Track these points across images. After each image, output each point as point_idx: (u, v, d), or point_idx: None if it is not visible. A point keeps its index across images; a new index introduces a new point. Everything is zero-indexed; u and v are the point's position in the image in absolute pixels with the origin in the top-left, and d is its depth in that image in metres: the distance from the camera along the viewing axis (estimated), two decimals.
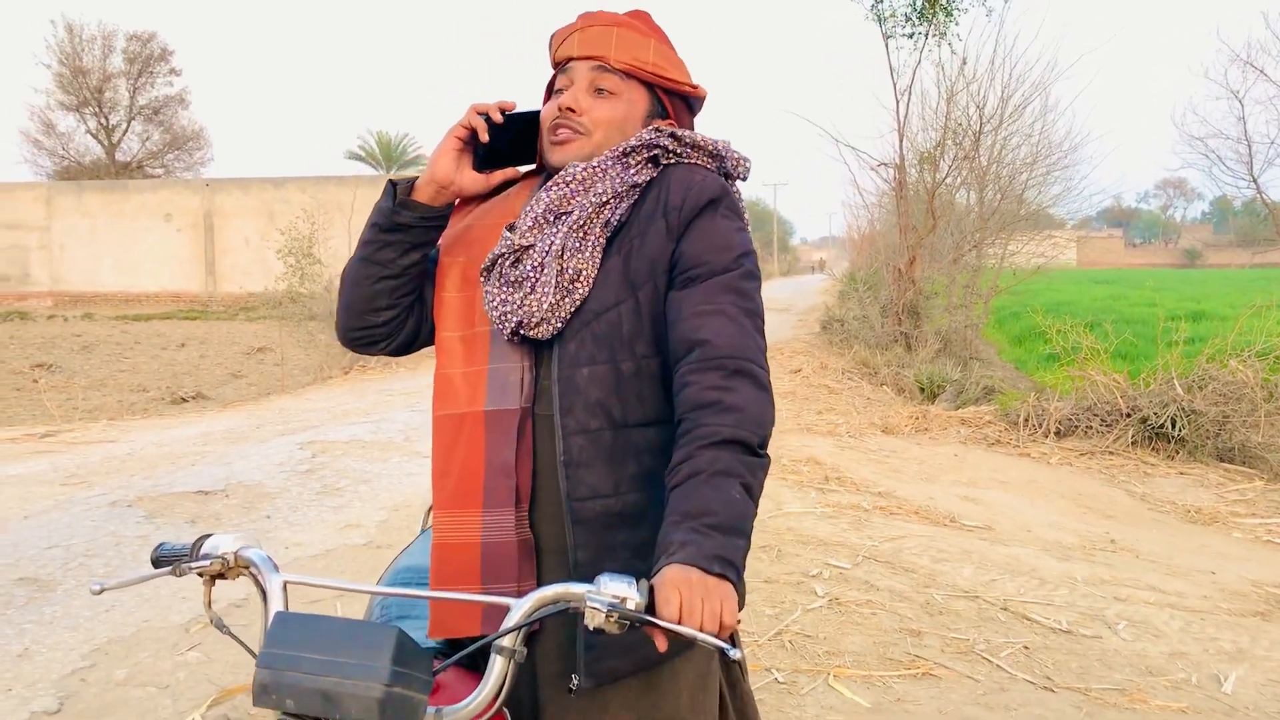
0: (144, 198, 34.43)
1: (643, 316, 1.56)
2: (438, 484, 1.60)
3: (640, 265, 1.57)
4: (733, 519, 1.34)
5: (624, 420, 1.55)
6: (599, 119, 1.63)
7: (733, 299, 1.53)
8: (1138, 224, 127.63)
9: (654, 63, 1.67)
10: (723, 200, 1.61)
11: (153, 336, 22.64)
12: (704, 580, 1.25)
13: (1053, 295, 24.81)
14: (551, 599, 1.27)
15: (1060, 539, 5.75)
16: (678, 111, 1.75)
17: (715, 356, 1.47)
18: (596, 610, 1.19)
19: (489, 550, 1.54)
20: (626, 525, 1.54)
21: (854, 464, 7.63)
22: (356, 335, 1.73)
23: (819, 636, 4.13)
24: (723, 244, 1.57)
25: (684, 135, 1.64)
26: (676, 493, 1.38)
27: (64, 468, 7.32)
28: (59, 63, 42.59)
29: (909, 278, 15.13)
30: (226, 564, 1.42)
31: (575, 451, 1.53)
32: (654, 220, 1.59)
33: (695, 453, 1.40)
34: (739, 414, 1.42)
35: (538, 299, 1.53)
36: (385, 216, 1.64)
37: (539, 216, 1.57)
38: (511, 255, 1.57)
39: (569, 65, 1.67)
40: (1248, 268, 58.88)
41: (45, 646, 3.94)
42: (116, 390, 13.59)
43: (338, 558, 5.19)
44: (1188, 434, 7.85)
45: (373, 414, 10.02)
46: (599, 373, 1.54)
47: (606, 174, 1.59)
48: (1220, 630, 4.31)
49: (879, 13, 15.01)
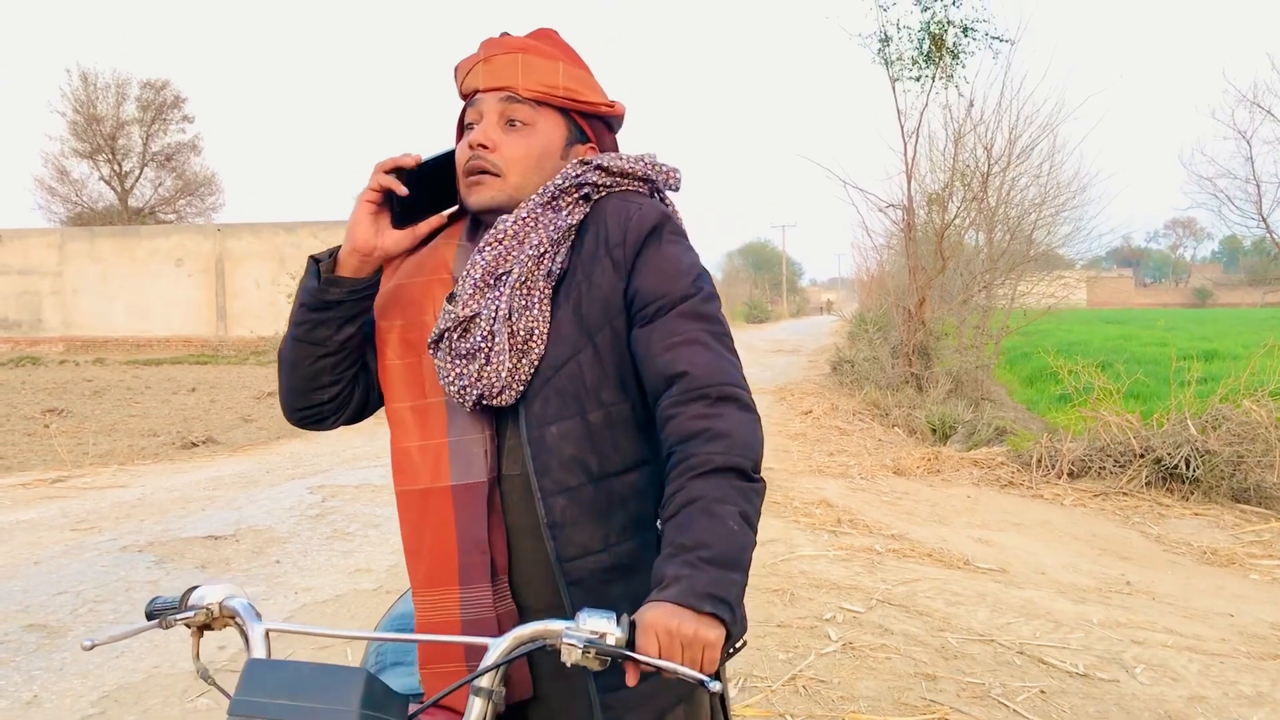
0: (156, 243, 34.64)
1: (604, 362, 1.51)
2: (411, 563, 1.56)
3: (592, 310, 1.51)
4: (729, 551, 1.30)
5: (603, 471, 1.51)
6: (513, 158, 1.56)
7: (701, 325, 1.49)
8: (1148, 264, 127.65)
9: (565, 86, 1.59)
10: (665, 226, 1.54)
11: (163, 381, 22.68)
12: (690, 624, 1.23)
13: (1063, 335, 24.75)
14: (529, 637, 1.25)
15: (1075, 581, 5.69)
16: (597, 133, 1.67)
17: (696, 387, 1.43)
18: (573, 646, 1.18)
19: (470, 629, 1.49)
20: (622, 577, 1.50)
21: (866, 506, 7.59)
22: (303, 414, 1.67)
23: (833, 681, 4.09)
24: (674, 270, 1.52)
25: (611, 165, 1.56)
26: (670, 524, 1.35)
27: (74, 513, 7.32)
28: (73, 110, 43.07)
29: (919, 319, 15.13)
30: (211, 614, 1.41)
31: (558, 513, 1.48)
32: (597, 260, 1.53)
33: (687, 484, 1.36)
34: (728, 440, 1.39)
35: (495, 369, 1.47)
36: (312, 296, 1.55)
37: (477, 282, 1.50)
38: (458, 327, 1.50)
39: (477, 98, 1.59)
40: (1259, 307, 58.76)
41: (55, 694, 3.92)
42: (127, 435, 13.58)
43: (347, 603, 5.16)
44: (1202, 474, 7.79)
45: (383, 457, 9.98)
46: (568, 428, 1.49)
47: (539, 223, 1.52)
48: (1240, 674, 4.25)
49: (886, 56, 15.15)
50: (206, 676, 1.39)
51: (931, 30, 14.80)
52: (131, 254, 34.48)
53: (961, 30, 14.80)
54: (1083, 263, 25.98)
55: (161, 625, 1.42)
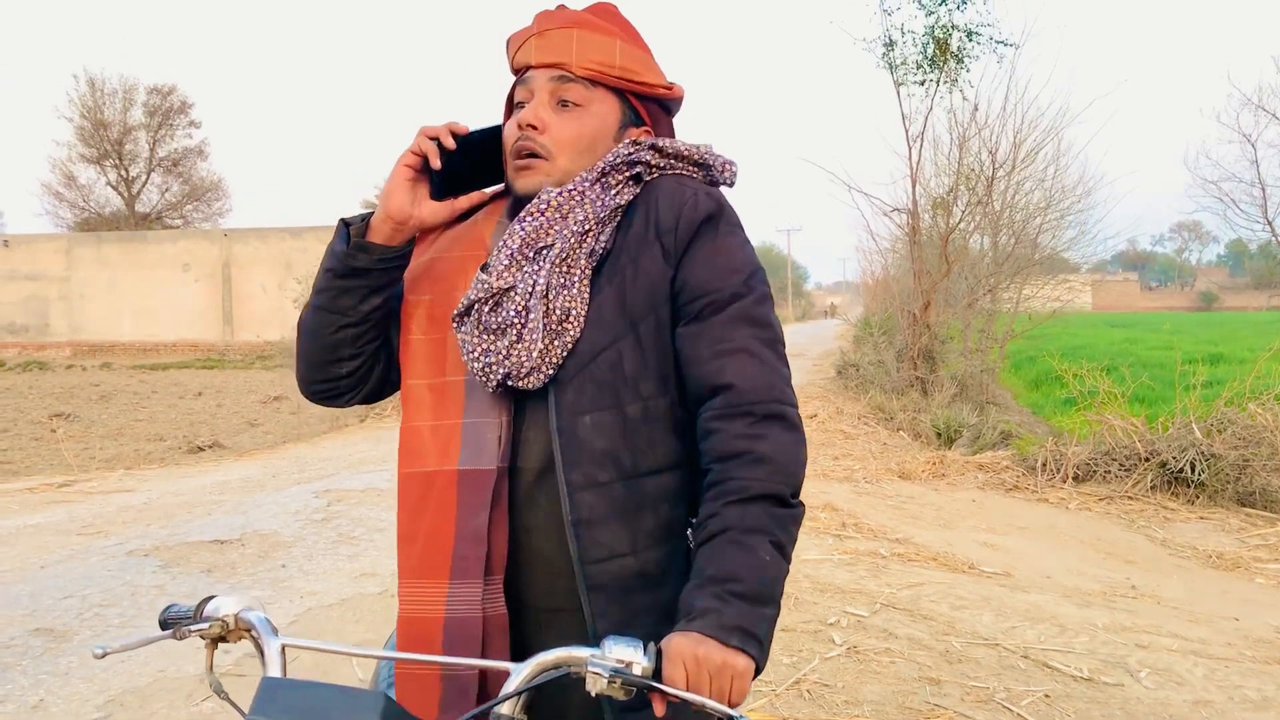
0: (162, 248, 34.75)
1: (645, 353, 1.42)
2: (403, 550, 1.46)
3: (637, 297, 1.42)
4: (760, 585, 1.26)
5: (635, 469, 1.41)
6: (563, 139, 1.47)
7: (752, 331, 1.41)
8: (1153, 267, 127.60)
9: (621, 65, 1.49)
10: (721, 215, 1.46)
11: (170, 386, 22.73)
12: (718, 654, 1.19)
13: (1069, 339, 24.73)
14: (553, 663, 1.19)
15: (1080, 585, 5.69)
16: (654, 116, 1.57)
17: (742, 402, 1.35)
18: (599, 675, 1.13)
19: (451, 626, 1.39)
20: (649, 586, 1.41)
21: (871, 510, 7.59)
22: (319, 388, 1.58)
23: (837, 685, 4.09)
24: (729, 266, 1.43)
25: (666, 146, 1.48)
26: (702, 552, 1.30)
27: (81, 517, 7.34)
28: (80, 116, 43.28)
29: (924, 322, 15.13)
30: (226, 627, 1.36)
31: (585, 509, 1.38)
32: (646, 244, 1.44)
33: (723, 509, 1.30)
34: (770, 465, 1.32)
35: (526, 347, 1.38)
36: (340, 260, 1.47)
37: (515, 253, 1.41)
38: (490, 299, 1.41)
39: (528, 75, 1.50)
40: (1265, 310, 58.65)
41: (60, 698, 3.93)
42: (133, 439, 13.62)
43: (353, 607, 5.17)
44: (1207, 478, 7.78)
45: (388, 461, 10.02)
46: (603, 420, 1.40)
47: (585, 198, 1.43)
48: (1245, 678, 4.24)
49: (890, 61, 15.16)
50: (220, 690, 1.35)
51: (936, 35, 14.81)
52: (138, 259, 34.59)
53: (966, 34, 14.82)
54: (1088, 266, 25.97)
55: (175, 636, 1.36)
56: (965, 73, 14.93)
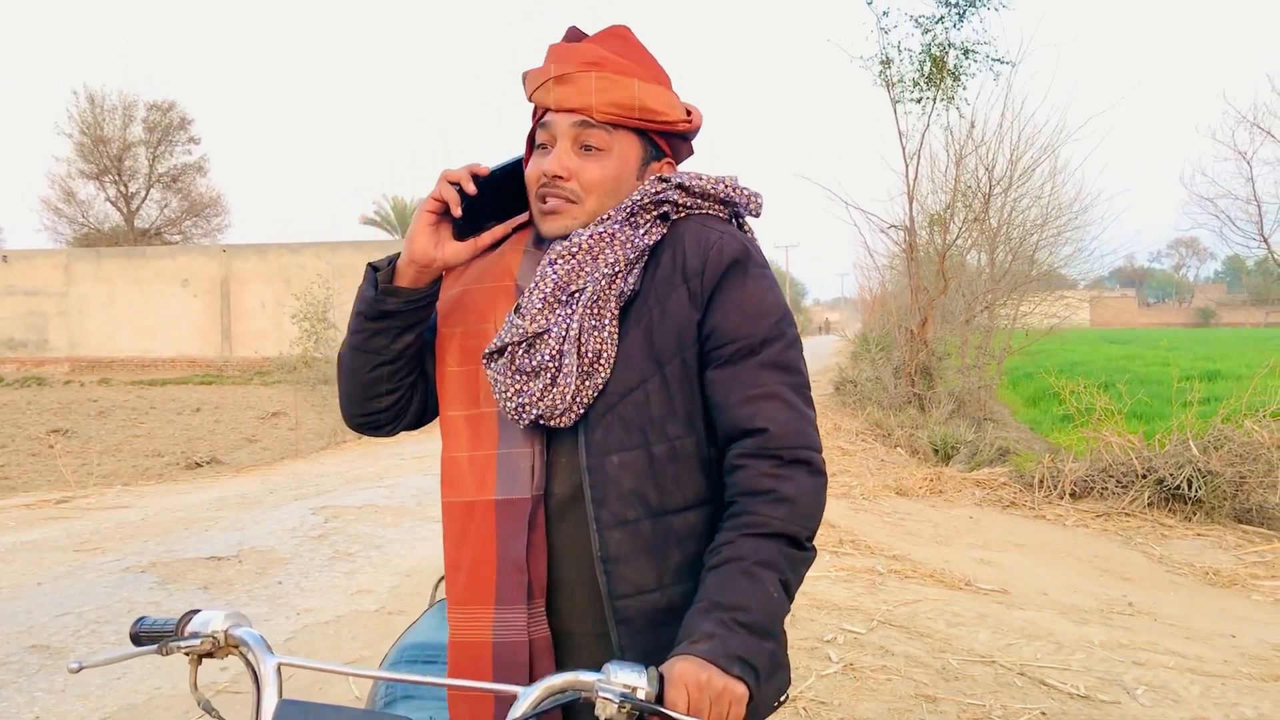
0: (161, 264, 34.81)
1: (672, 394, 1.45)
2: (450, 577, 1.52)
3: (664, 340, 1.46)
4: (765, 619, 1.30)
5: (662, 507, 1.45)
6: (590, 182, 1.50)
7: (782, 378, 1.45)
8: (1151, 283, 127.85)
9: (641, 106, 1.51)
10: (748, 260, 1.48)
11: (168, 401, 22.74)
12: (719, 677, 1.22)
13: (1066, 355, 24.75)
14: (560, 687, 1.22)
15: (1077, 602, 5.69)
16: (673, 146, 1.61)
17: (772, 447, 1.40)
18: (609, 700, 1.16)
19: (501, 650, 1.44)
20: (675, 621, 1.39)
21: (868, 527, 7.59)
22: (361, 421, 1.65)
23: (833, 703, 4.09)
24: (758, 311, 1.46)
25: (692, 185, 1.50)
26: (711, 576, 1.33)
27: (77, 534, 7.33)
28: (80, 132, 43.42)
29: (921, 339, 15.15)
30: (216, 643, 1.35)
31: (613, 546, 1.43)
32: (673, 287, 1.47)
33: (738, 539, 1.34)
34: (791, 506, 1.37)
35: (561, 391, 1.42)
36: (370, 305, 1.53)
37: (547, 296, 1.45)
38: (523, 342, 1.45)
39: (548, 119, 1.52)
40: (1262, 326, 58.71)
41: (56, 715, 3.93)
42: (131, 455, 13.62)
43: (348, 624, 5.17)
44: (1204, 495, 7.78)
45: (386, 478, 10.02)
46: (630, 459, 1.43)
47: (615, 239, 1.46)
48: (1241, 695, 4.25)
49: (887, 79, 15.20)
50: (208, 708, 1.35)
51: (932, 53, 14.86)
52: (137, 275, 34.65)
53: (962, 52, 14.87)
54: (1085, 283, 26.02)
55: (161, 652, 1.35)
56: (962, 90, 14.98)
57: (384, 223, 50.60)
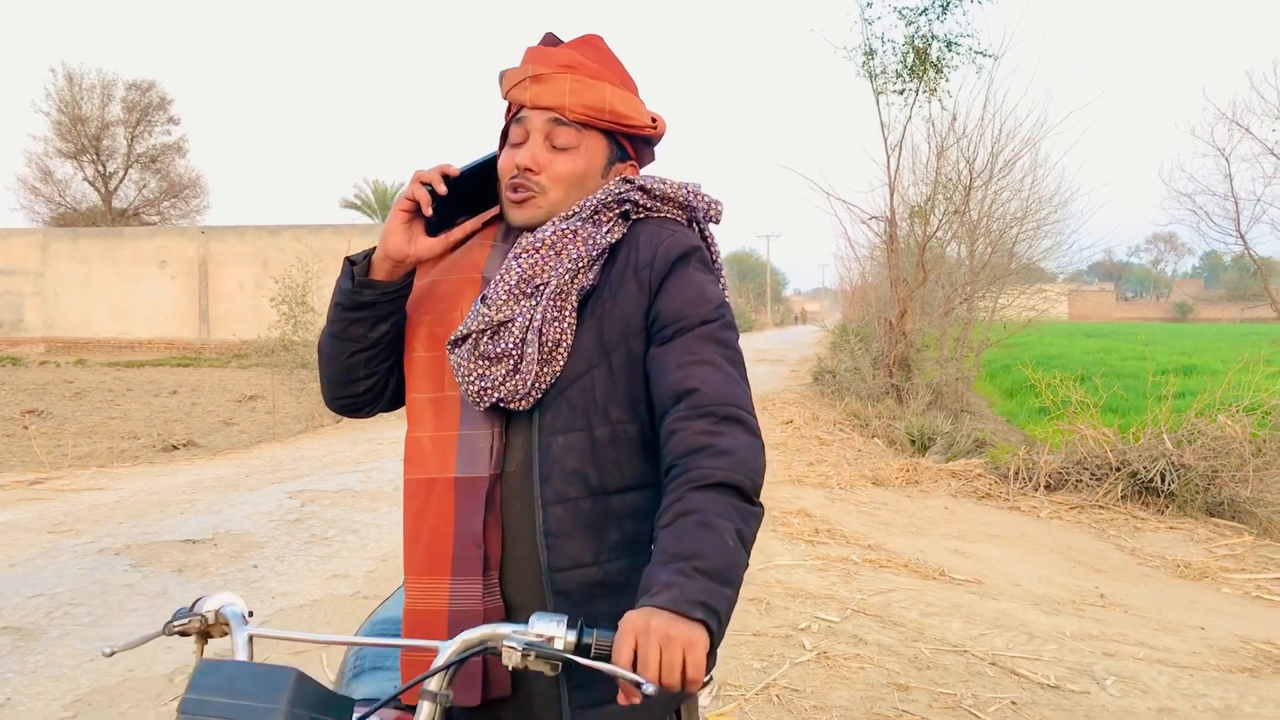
0: (139, 245, 34.52)
1: (616, 381, 1.54)
2: (408, 549, 1.59)
3: (613, 329, 1.55)
4: (723, 566, 1.29)
5: (602, 487, 1.53)
6: (558, 175, 1.59)
7: (717, 348, 1.51)
8: (1129, 278, 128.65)
9: (611, 109, 1.61)
10: (694, 254, 1.59)
11: (145, 383, 22.60)
12: (671, 626, 1.21)
13: (1044, 348, 24.86)
14: (477, 641, 1.28)
15: (1050, 593, 5.74)
16: (638, 150, 1.71)
17: (704, 404, 1.44)
18: (513, 650, 1.21)
19: (456, 618, 1.51)
20: (609, 594, 1.51)
21: (844, 516, 7.62)
22: (341, 404, 1.75)
23: (807, 691, 4.11)
24: (698, 296, 1.55)
25: (654, 188, 1.60)
26: (666, 533, 1.34)
27: (51, 515, 7.29)
28: (58, 110, 42.88)
29: (900, 330, 15.20)
30: (207, 621, 1.46)
31: (554, 522, 1.51)
32: (625, 280, 1.56)
33: (686, 494, 1.36)
34: (731, 457, 1.39)
35: (522, 378, 1.51)
36: (347, 297, 1.61)
37: (512, 288, 1.53)
38: (488, 329, 1.53)
39: (523, 115, 1.61)
40: (1239, 322, 59.20)
41: (28, 696, 3.91)
42: (107, 437, 13.54)
43: (324, 608, 5.16)
44: (1177, 488, 7.86)
45: (363, 463, 10.00)
46: (574, 440, 1.52)
47: (578, 236, 1.55)
48: (1209, 686, 4.30)
49: (870, 70, 15.23)
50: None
51: (915, 44, 14.89)
52: (115, 255, 34.35)
53: (945, 45, 14.90)
54: (1064, 276, 26.17)
55: (166, 632, 1.46)
56: (944, 82, 15.02)
57: (364, 206, 50.33)
